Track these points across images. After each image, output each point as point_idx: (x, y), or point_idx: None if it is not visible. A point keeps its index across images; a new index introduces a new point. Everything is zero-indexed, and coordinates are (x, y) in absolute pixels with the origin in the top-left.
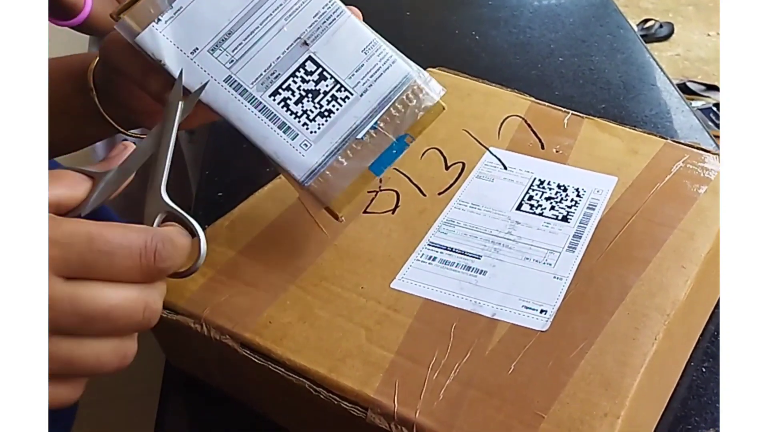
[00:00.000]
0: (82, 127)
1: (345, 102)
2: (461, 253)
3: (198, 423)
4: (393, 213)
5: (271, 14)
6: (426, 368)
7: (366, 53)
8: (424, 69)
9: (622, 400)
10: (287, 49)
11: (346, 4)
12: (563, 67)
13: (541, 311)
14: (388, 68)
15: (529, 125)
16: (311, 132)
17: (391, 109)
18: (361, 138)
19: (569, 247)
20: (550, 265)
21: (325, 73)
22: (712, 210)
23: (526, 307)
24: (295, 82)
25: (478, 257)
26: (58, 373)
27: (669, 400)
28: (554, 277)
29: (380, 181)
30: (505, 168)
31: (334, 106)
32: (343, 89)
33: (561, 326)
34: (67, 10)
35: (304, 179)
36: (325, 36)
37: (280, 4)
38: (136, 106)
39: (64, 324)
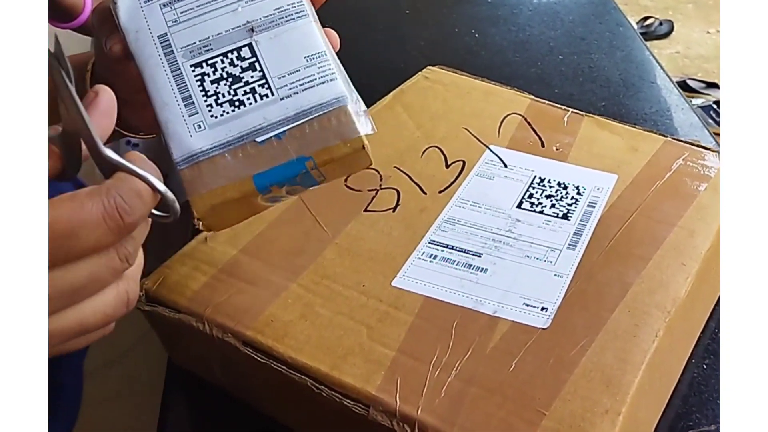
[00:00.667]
0: None
1: (261, 99)
2: (462, 251)
3: (201, 421)
4: (394, 211)
5: None
6: (427, 366)
7: (308, 61)
8: (424, 67)
9: (623, 397)
10: (232, 29)
11: (342, 8)
12: (563, 65)
13: (542, 309)
14: (323, 83)
15: (529, 123)
16: (212, 116)
17: (306, 125)
18: (260, 142)
19: (570, 244)
20: (551, 262)
21: (256, 64)
22: (712, 207)
23: (527, 305)
24: (222, 62)
25: (479, 255)
26: (74, 336)
27: (670, 397)
28: (555, 275)
29: (380, 179)
30: (506, 166)
31: (248, 99)
32: (266, 86)
33: (562, 324)
34: (68, 13)
35: (179, 161)
36: (275, 30)
37: None
38: (135, 100)
39: (59, 306)
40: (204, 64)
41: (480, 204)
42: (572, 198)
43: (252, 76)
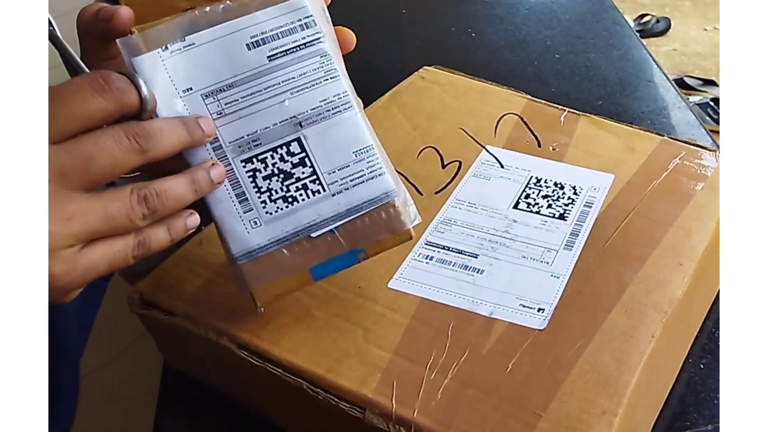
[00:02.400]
0: None
1: (314, 195)
2: (458, 252)
3: (196, 423)
4: None
5: (279, 83)
6: (424, 368)
7: (357, 156)
8: (421, 67)
9: (619, 397)
10: (279, 123)
11: (338, 7)
12: (559, 64)
13: (539, 310)
14: (372, 178)
15: (525, 123)
16: (267, 212)
17: (358, 220)
18: (315, 237)
19: (566, 245)
20: (548, 263)
21: (307, 159)
22: (709, 206)
23: (524, 306)
24: (273, 158)
25: (476, 256)
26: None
27: (667, 397)
28: (551, 276)
29: None
30: (502, 166)
31: (301, 195)
32: (317, 182)
33: (558, 324)
34: None
35: (239, 256)
36: (323, 124)
37: (293, 78)
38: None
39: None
40: (254, 160)
41: (476, 204)
42: (569, 198)
43: (303, 172)
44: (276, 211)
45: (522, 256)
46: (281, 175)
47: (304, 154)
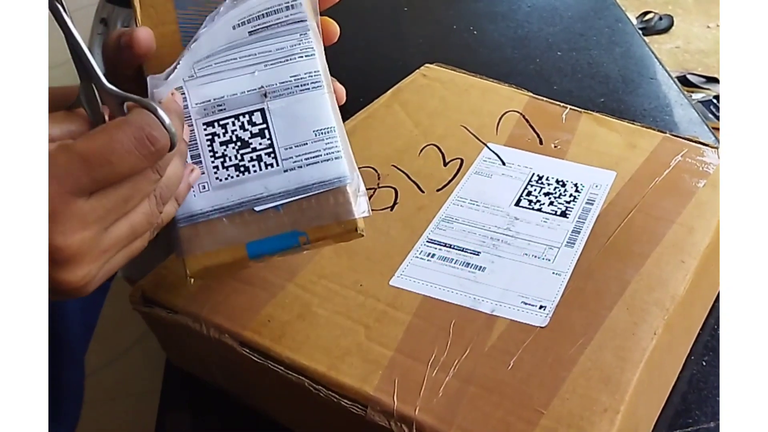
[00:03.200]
0: None
1: (266, 168)
2: (460, 250)
3: (199, 421)
4: (391, 210)
5: (254, 54)
6: (425, 365)
7: (316, 135)
8: (422, 65)
9: (621, 395)
10: (247, 91)
11: (340, 5)
12: (561, 61)
13: (540, 307)
14: (328, 160)
15: (527, 120)
16: (217, 178)
17: (305, 201)
18: (258, 211)
19: (568, 242)
20: (549, 260)
21: (266, 131)
22: (711, 204)
23: (525, 303)
24: (234, 125)
25: (477, 253)
26: (128, 242)
27: (669, 395)
28: (553, 273)
29: (378, 177)
30: (504, 164)
31: (253, 166)
32: (272, 155)
33: (560, 322)
34: None
35: (180, 219)
36: (289, 99)
37: (269, 51)
38: None
39: (111, 220)
40: (216, 124)
41: (478, 202)
42: (570, 195)
43: (260, 144)
44: (226, 179)
45: (524, 254)
46: (238, 143)
47: (264, 126)
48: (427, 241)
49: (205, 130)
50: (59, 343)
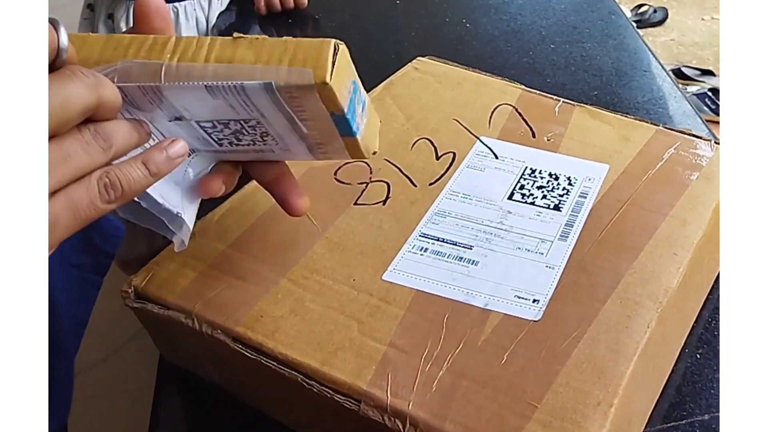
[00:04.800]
0: None
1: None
2: (453, 244)
3: (193, 417)
4: (384, 204)
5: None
6: (419, 359)
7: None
8: (415, 58)
9: (615, 388)
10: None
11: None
12: (555, 54)
13: (534, 301)
14: None
15: (520, 114)
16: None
17: None
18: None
19: (561, 236)
20: (542, 254)
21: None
22: (704, 196)
23: (519, 297)
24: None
25: (470, 247)
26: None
27: (664, 387)
28: (546, 267)
29: (370, 172)
30: (497, 157)
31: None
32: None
33: (553, 315)
34: None
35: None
36: None
37: None
38: None
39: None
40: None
41: (471, 196)
42: (563, 189)
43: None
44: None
45: (517, 248)
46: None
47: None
48: (420, 236)
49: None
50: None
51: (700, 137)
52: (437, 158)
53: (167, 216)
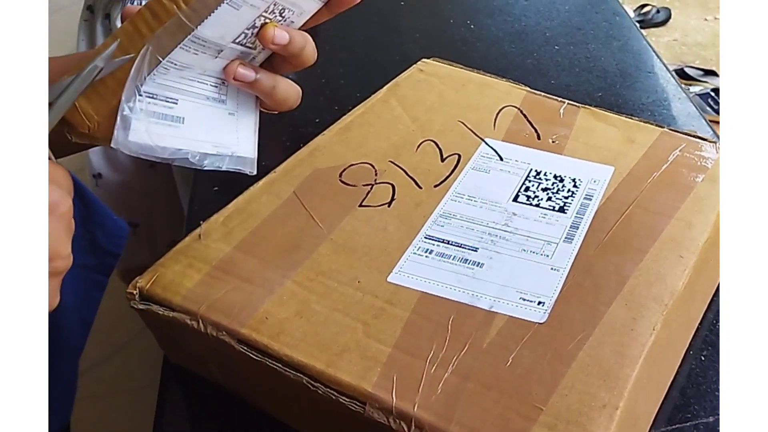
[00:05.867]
0: None
1: None
2: (458, 246)
3: (197, 417)
4: (389, 206)
5: None
6: (424, 362)
7: None
8: (419, 60)
9: (620, 390)
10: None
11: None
12: (559, 55)
13: (539, 303)
14: None
15: (524, 115)
16: None
17: None
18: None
19: (566, 237)
20: (547, 256)
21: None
22: (710, 198)
23: (524, 299)
24: None
25: (475, 249)
26: None
27: (668, 390)
28: (551, 269)
29: (375, 174)
30: (501, 159)
31: None
32: None
33: (559, 318)
34: None
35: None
36: None
37: None
38: None
39: None
40: None
41: (476, 198)
42: (568, 191)
43: None
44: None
45: (522, 249)
46: None
47: None
48: (425, 238)
49: None
50: (53, 336)
51: (705, 139)
52: (442, 160)
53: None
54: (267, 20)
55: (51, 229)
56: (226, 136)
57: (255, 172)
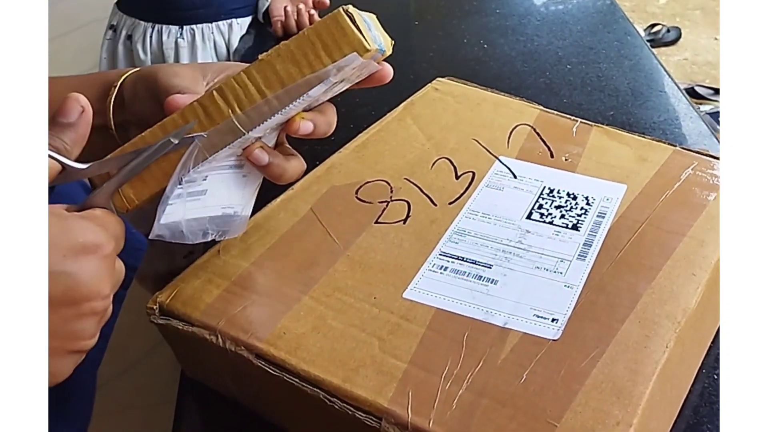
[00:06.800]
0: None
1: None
2: (472, 263)
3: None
4: (404, 223)
5: None
6: (439, 378)
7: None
8: (434, 79)
9: (634, 408)
10: None
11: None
12: (571, 74)
13: (553, 320)
14: None
15: (538, 134)
16: None
17: None
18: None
19: (579, 255)
20: (561, 273)
21: None
22: None
23: (538, 316)
24: None
25: (489, 266)
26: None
27: (681, 408)
28: (565, 286)
29: (391, 191)
30: (515, 177)
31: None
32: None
33: (572, 335)
34: None
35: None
36: None
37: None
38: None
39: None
40: None
41: (490, 215)
42: (582, 208)
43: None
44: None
45: (535, 267)
46: None
47: None
48: (440, 254)
49: None
50: None
51: (717, 158)
52: (457, 177)
53: (226, 221)
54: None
55: (93, 269)
56: (235, 198)
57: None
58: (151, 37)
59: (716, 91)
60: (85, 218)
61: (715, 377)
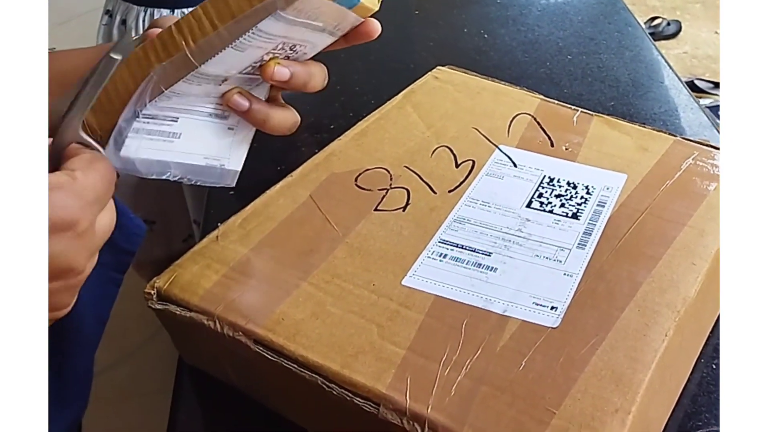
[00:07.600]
0: None
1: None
2: (472, 250)
3: (211, 419)
4: (404, 210)
5: None
6: (438, 364)
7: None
8: (434, 67)
9: (633, 395)
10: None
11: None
12: (572, 65)
13: (552, 308)
14: None
15: (538, 123)
16: None
17: None
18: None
19: (579, 244)
20: (561, 261)
21: None
22: None
23: (537, 304)
24: None
25: (489, 254)
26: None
27: (679, 397)
28: (564, 274)
29: (391, 178)
30: (515, 166)
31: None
32: None
33: (572, 323)
34: None
35: None
36: None
37: None
38: None
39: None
40: None
41: (490, 203)
42: (582, 197)
43: None
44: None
45: (535, 255)
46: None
47: None
48: (440, 242)
49: None
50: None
51: (717, 148)
52: (457, 166)
53: (210, 172)
54: (275, 56)
55: (66, 248)
56: (220, 149)
57: (234, 185)
58: (144, 20)
59: (716, 85)
60: (58, 189)
61: (714, 367)
